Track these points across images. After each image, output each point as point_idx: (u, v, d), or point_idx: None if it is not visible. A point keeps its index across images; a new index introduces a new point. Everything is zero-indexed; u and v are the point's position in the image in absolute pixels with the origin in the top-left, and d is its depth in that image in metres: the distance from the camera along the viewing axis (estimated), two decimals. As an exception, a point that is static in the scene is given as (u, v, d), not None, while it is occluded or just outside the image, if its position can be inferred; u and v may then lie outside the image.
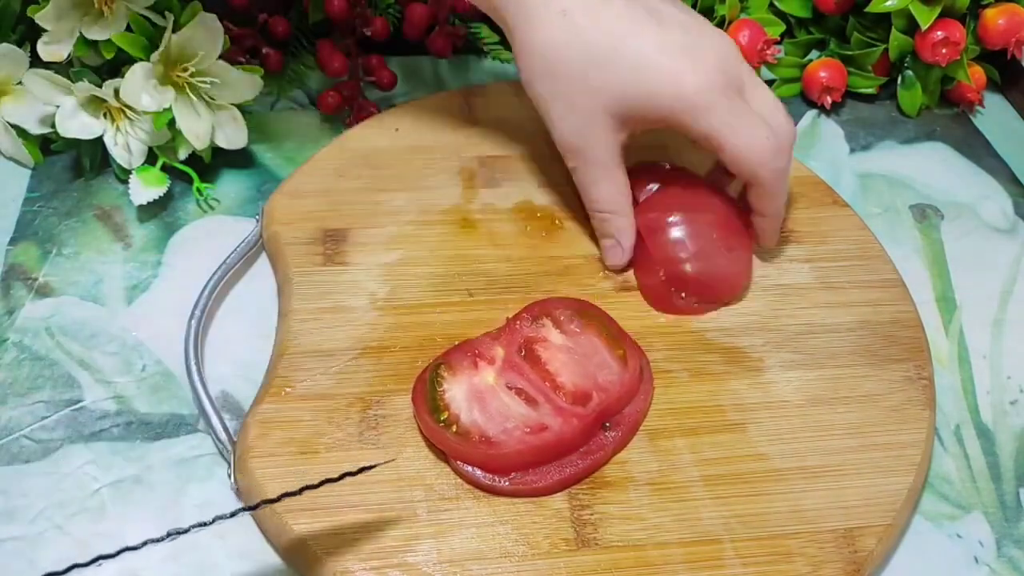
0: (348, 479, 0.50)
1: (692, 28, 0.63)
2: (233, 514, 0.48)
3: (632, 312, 0.65)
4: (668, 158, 0.73)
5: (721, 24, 0.79)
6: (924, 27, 0.79)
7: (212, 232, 0.70)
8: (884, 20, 0.83)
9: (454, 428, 0.55)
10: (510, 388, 0.57)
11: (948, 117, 0.86)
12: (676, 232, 0.66)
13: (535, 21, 0.62)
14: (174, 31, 0.66)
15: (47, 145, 0.72)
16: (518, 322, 0.61)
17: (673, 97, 0.61)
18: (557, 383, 0.58)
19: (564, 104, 0.63)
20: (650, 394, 0.60)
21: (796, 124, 0.83)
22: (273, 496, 0.50)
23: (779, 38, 0.81)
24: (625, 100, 0.61)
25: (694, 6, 0.80)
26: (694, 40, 0.62)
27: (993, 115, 0.87)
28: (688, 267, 0.65)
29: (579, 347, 0.60)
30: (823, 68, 0.84)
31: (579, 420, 0.56)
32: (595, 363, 0.59)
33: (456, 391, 0.57)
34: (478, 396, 0.57)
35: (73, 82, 0.67)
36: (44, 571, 0.42)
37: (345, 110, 0.78)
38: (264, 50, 0.81)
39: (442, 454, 0.56)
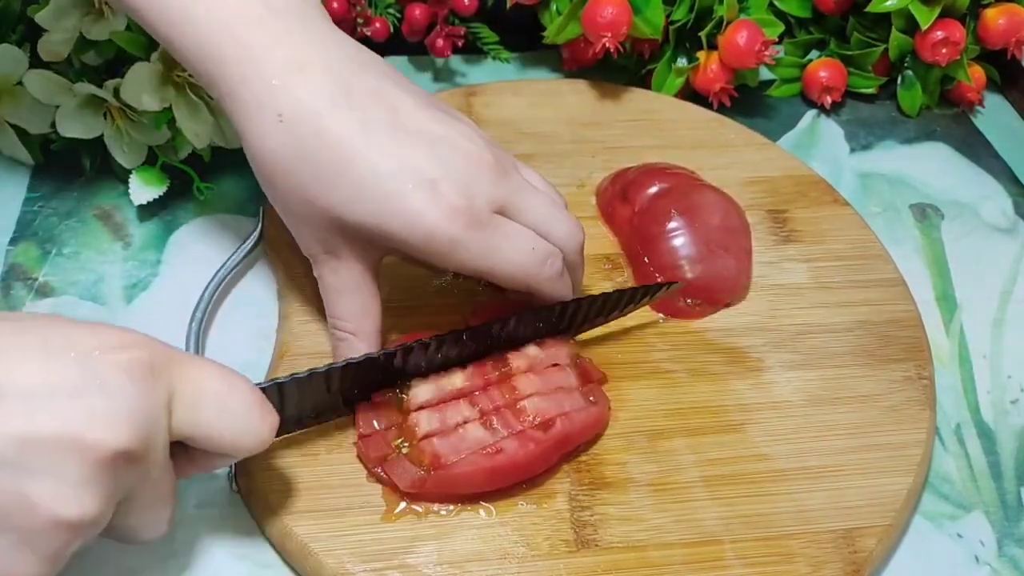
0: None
1: (441, 146, 0.53)
2: None
3: (631, 312, 0.65)
4: (671, 159, 0.73)
5: (720, 25, 0.79)
6: (924, 27, 0.79)
7: (212, 232, 0.70)
8: (884, 20, 0.83)
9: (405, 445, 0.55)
10: (473, 404, 0.56)
11: (948, 117, 0.86)
12: (675, 240, 0.66)
13: (253, 126, 0.52)
14: (174, 31, 0.66)
15: (47, 145, 0.72)
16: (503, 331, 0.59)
17: (409, 235, 0.52)
18: (519, 405, 0.56)
19: (295, 218, 0.55)
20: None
21: (796, 124, 0.84)
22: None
23: (777, 39, 0.81)
24: (356, 227, 0.52)
25: (692, 8, 0.80)
26: (439, 162, 0.52)
27: (993, 115, 0.87)
28: (688, 273, 0.65)
29: (550, 373, 0.58)
30: (823, 68, 0.84)
31: (536, 445, 0.55)
32: (564, 390, 0.57)
33: (422, 390, 0.56)
34: (440, 403, 0.56)
35: (73, 82, 0.67)
36: None
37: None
38: (264, 50, 0.80)
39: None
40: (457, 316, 0.62)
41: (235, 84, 0.52)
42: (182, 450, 0.47)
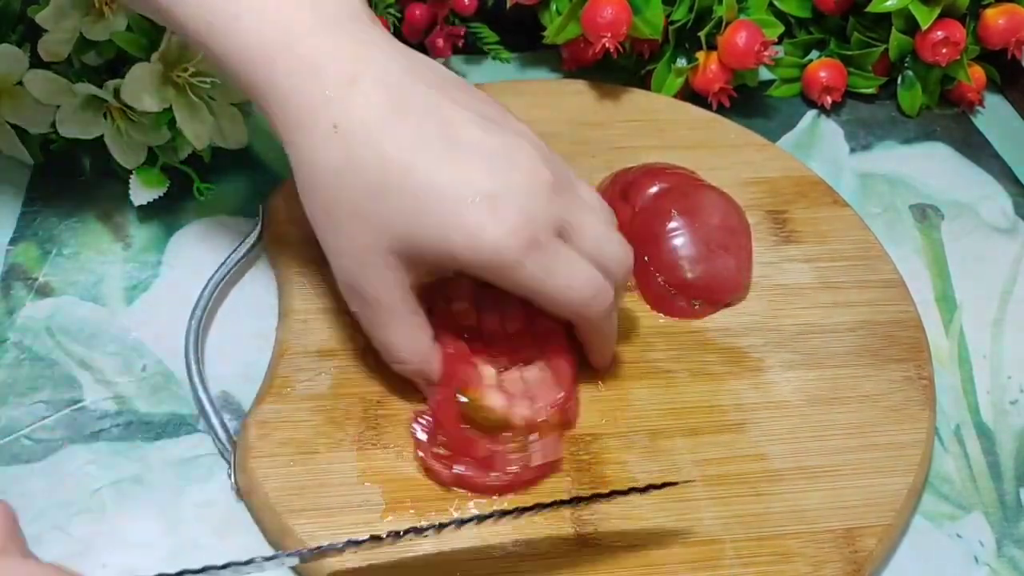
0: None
1: (500, 161, 0.51)
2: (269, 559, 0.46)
3: (631, 312, 0.65)
4: (671, 159, 0.73)
5: (718, 26, 0.79)
6: (924, 27, 0.79)
7: (212, 232, 0.70)
8: (884, 20, 0.83)
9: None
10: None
11: (948, 117, 0.86)
12: (675, 240, 0.66)
13: (303, 138, 0.51)
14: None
15: (47, 145, 0.72)
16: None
17: (469, 252, 0.50)
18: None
19: (339, 238, 0.53)
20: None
21: (796, 124, 0.84)
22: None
23: (777, 39, 0.81)
24: (410, 243, 0.51)
25: (691, 8, 0.80)
26: (500, 177, 0.51)
27: (993, 115, 0.87)
28: (688, 274, 0.65)
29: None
30: (823, 68, 0.84)
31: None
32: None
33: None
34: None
35: (73, 82, 0.67)
36: None
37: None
38: (264, 50, 0.80)
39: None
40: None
41: (286, 96, 0.51)
42: None
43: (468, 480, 0.55)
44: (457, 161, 0.51)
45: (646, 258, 0.66)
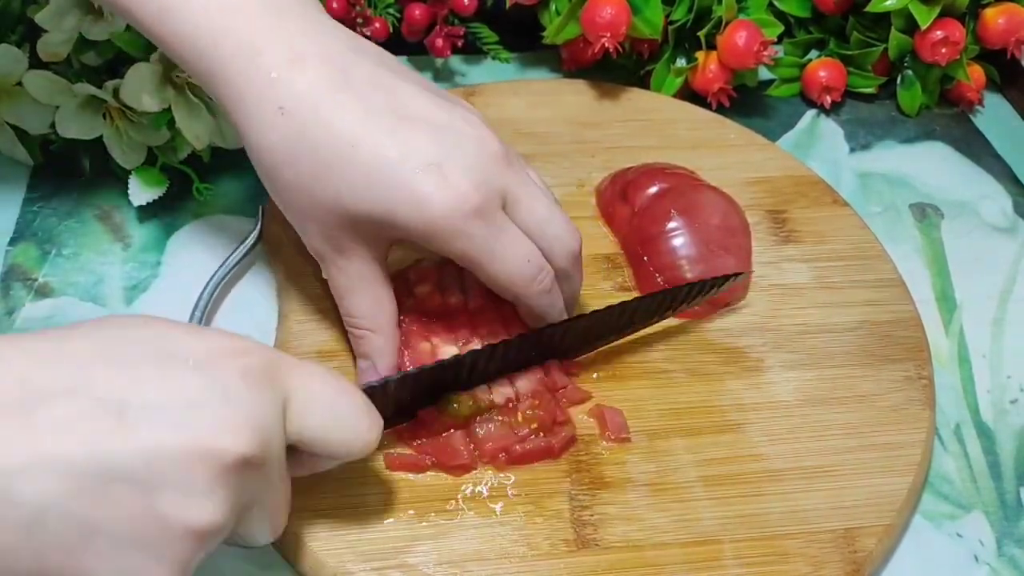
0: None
1: (446, 131, 0.52)
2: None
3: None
4: (671, 159, 0.73)
5: (718, 26, 0.79)
6: (924, 27, 0.79)
7: (212, 232, 0.70)
8: (884, 20, 0.83)
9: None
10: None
11: (948, 116, 0.86)
12: (675, 240, 0.66)
13: (253, 121, 0.52)
14: (174, 31, 0.66)
15: (47, 145, 0.72)
16: None
17: (417, 220, 0.51)
18: None
19: (299, 214, 0.54)
20: None
21: (796, 124, 0.84)
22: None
23: (776, 39, 0.81)
24: (362, 216, 0.52)
25: (691, 8, 0.80)
26: (445, 147, 0.52)
27: (993, 114, 0.87)
28: (688, 274, 0.65)
29: None
30: (823, 68, 0.84)
31: None
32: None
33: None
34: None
35: (73, 82, 0.67)
36: None
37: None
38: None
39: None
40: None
41: (234, 79, 0.52)
42: (290, 452, 0.46)
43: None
44: (404, 132, 0.52)
45: (645, 258, 0.66)
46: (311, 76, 0.52)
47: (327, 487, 0.54)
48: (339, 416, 0.46)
